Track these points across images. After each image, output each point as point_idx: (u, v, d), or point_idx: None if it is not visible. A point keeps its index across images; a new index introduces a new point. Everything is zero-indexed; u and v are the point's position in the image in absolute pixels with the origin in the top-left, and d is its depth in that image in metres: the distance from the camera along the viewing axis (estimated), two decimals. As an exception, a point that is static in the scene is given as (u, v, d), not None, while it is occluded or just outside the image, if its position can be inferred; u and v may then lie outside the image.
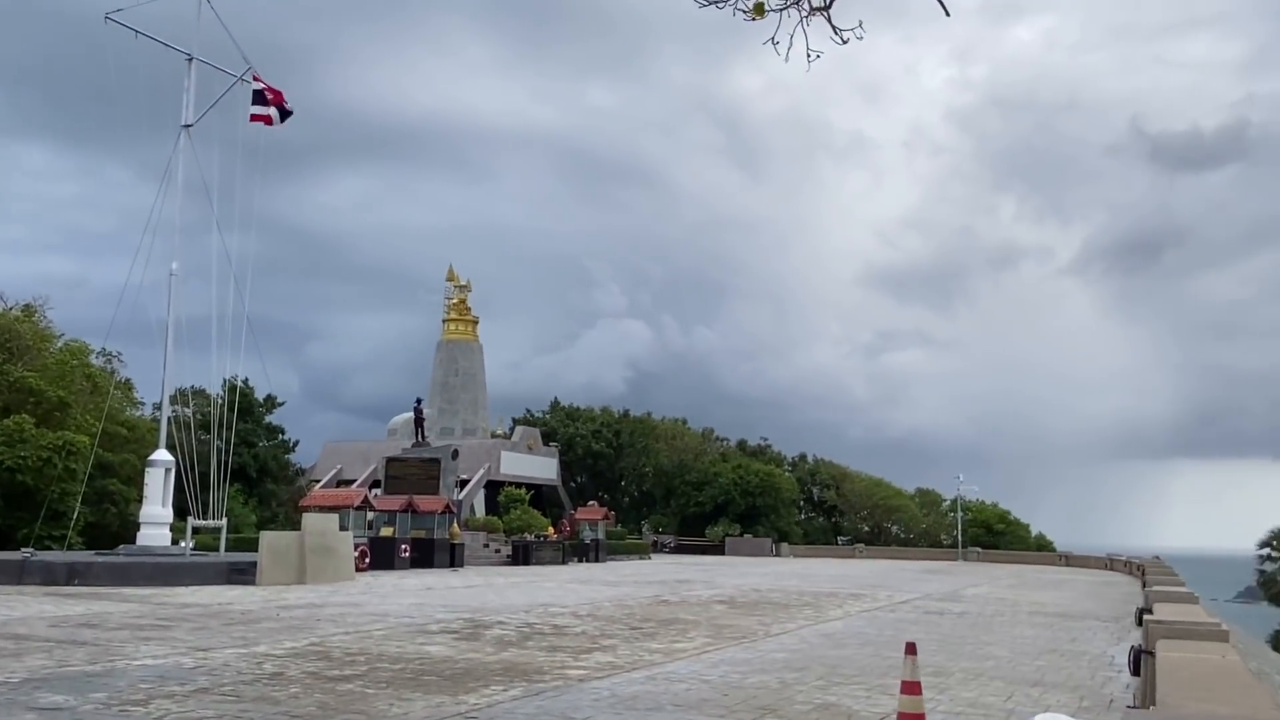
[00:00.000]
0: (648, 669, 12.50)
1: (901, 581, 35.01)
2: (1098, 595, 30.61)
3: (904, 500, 76.38)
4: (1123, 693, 11.67)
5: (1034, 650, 15.64)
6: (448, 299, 60.96)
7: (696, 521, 68.46)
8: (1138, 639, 18.11)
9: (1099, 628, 19.93)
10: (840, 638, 16.66)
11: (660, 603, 23.24)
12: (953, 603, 25.57)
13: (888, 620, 20.11)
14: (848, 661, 13.58)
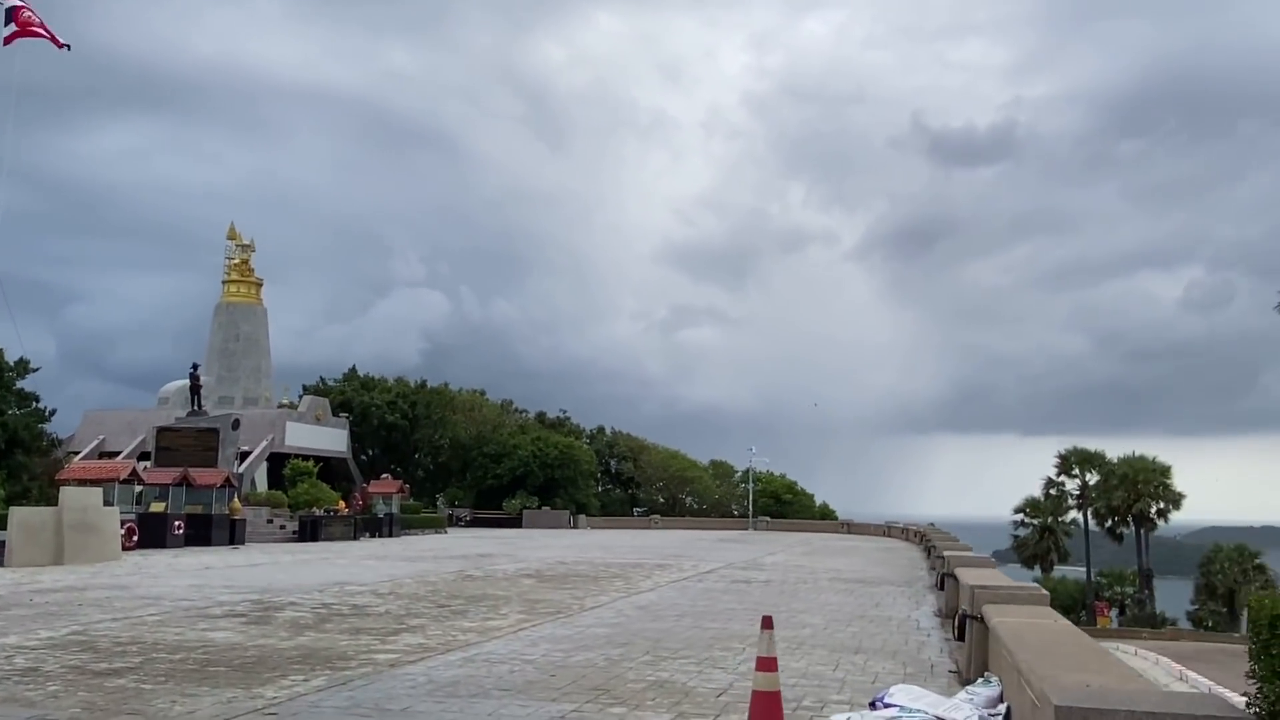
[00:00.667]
0: (463, 650, 11.64)
1: (701, 551, 35.46)
2: (885, 561, 32.00)
3: (699, 472, 78.12)
4: (940, 658, 11.83)
5: (844, 617, 15.84)
6: (229, 259, 56.86)
7: (494, 494, 67.39)
8: (935, 604, 18.86)
9: (896, 593, 20.61)
10: (656, 610, 16.32)
11: (465, 578, 22.28)
12: (756, 571, 25.95)
13: (698, 590, 20.02)
14: (670, 635, 13.20)
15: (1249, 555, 62.81)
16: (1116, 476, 70.83)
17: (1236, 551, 63.18)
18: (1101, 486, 72.30)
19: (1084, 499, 73.99)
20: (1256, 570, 61.31)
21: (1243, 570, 61.50)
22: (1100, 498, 71.80)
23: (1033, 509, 76.76)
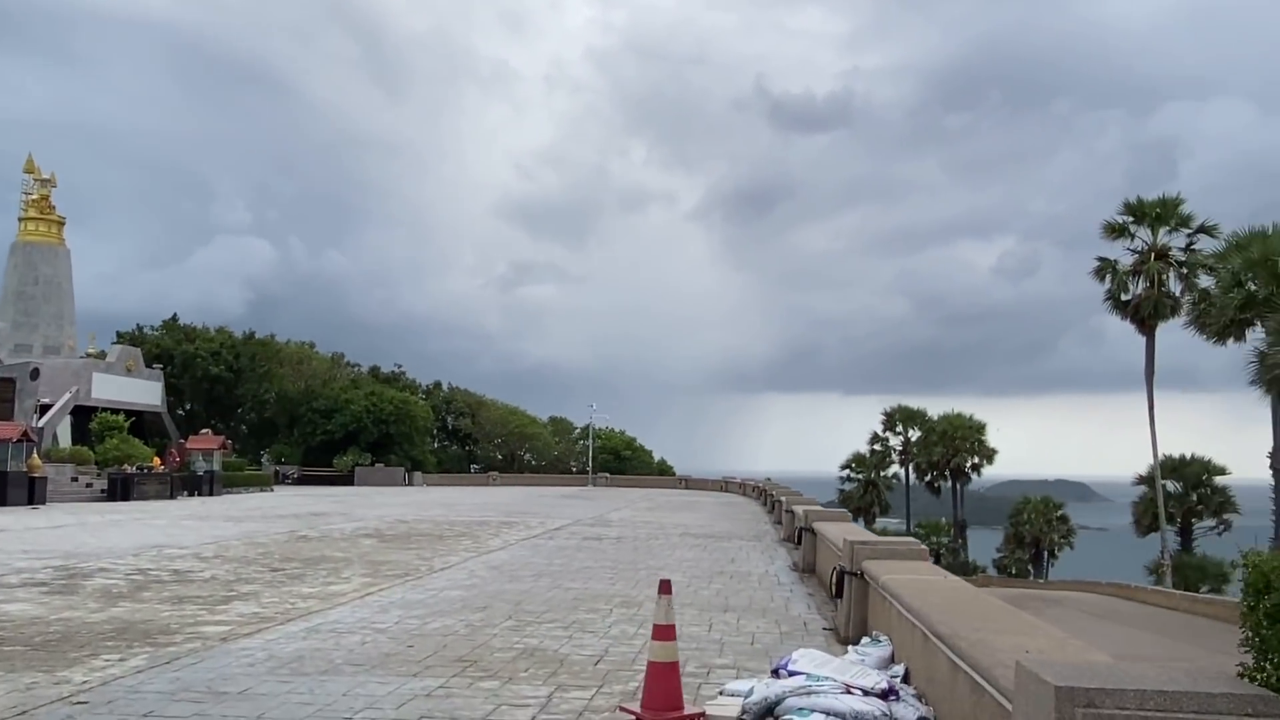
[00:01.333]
0: (305, 619, 10.58)
1: (545, 507, 34.83)
2: (729, 516, 32.24)
3: (538, 428, 77.32)
4: (810, 614, 11.58)
5: (704, 573, 15.51)
6: (26, 194, 51.67)
7: (324, 451, 64.61)
8: (789, 558, 18.88)
9: (747, 547, 20.55)
10: (511, 570, 15.54)
11: (299, 539, 20.85)
12: (605, 527, 25.50)
13: (551, 548, 19.34)
14: (530, 596, 12.48)
15: (1053, 507, 67.00)
16: (937, 433, 74.31)
17: (1042, 503, 67.27)
18: (922, 442, 75.85)
19: (906, 454, 77.53)
20: (1059, 520, 65.60)
21: (1047, 520, 65.63)
22: (921, 453, 75.27)
23: (859, 464, 79.97)
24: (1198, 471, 46.14)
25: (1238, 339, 37.92)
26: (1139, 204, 43.85)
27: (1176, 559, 43.55)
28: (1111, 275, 44.27)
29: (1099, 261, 44.80)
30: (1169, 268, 42.83)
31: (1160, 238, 43.62)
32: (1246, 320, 36.07)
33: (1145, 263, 43.26)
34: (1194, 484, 46.00)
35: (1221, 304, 36.31)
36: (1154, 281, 43.00)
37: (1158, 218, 43.05)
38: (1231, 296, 35.57)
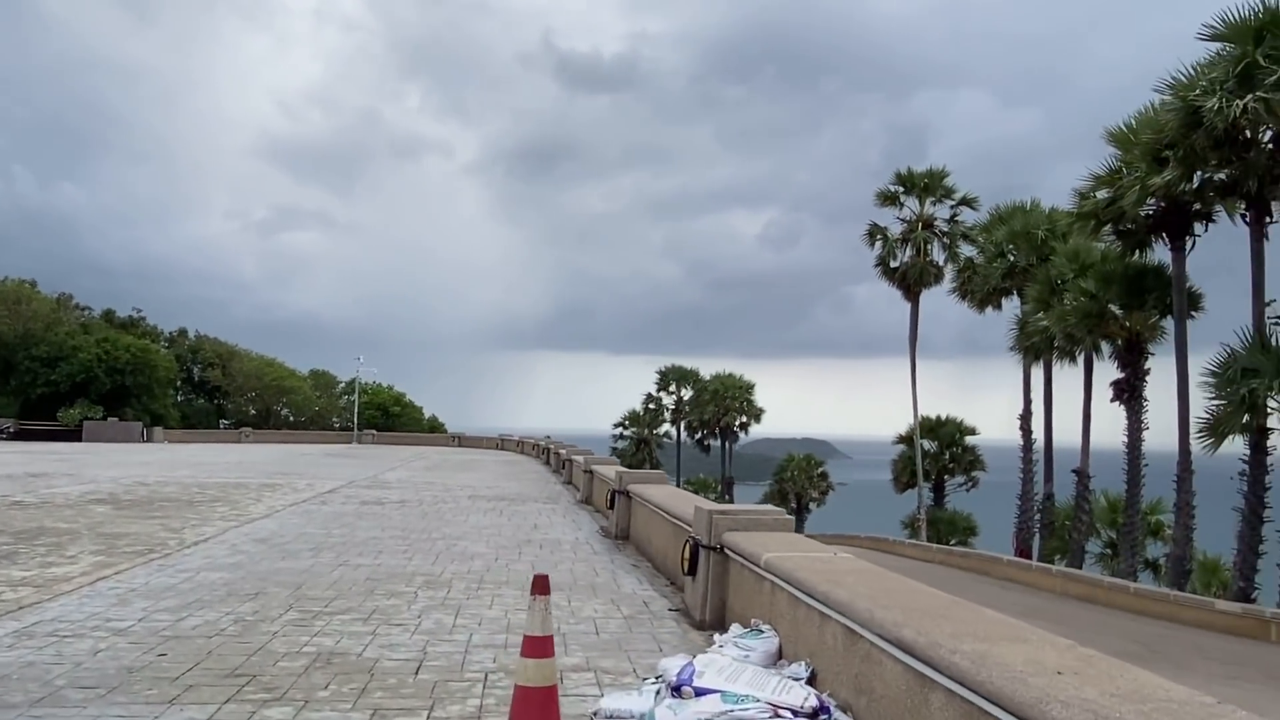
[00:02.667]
0: (14, 617, 8.14)
1: (311, 467, 31.91)
2: (514, 475, 30.66)
3: (297, 382, 72.36)
4: (645, 591, 10.26)
5: (510, 543, 13.91)
6: None
7: (47, 403, 57.47)
8: (594, 523, 17.59)
9: (546, 510, 19.09)
10: (283, 543, 13.30)
11: (12, 505, 17.44)
12: (383, 490, 23.27)
13: (327, 515, 17.07)
14: (313, 578, 10.44)
15: (814, 464, 70.00)
16: (709, 392, 75.97)
17: (805, 461, 70.15)
18: (695, 401, 77.30)
19: (679, 413, 78.79)
20: (820, 477, 68.57)
21: (809, 477, 68.51)
22: (694, 412, 76.65)
23: (633, 421, 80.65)
24: (951, 432, 49.03)
25: (996, 307, 40.08)
26: (909, 174, 45.54)
27: (930, 513, 46.12)
28: (883, 242, 45.84)
29: (870, 227, 46.30)
30: (934, 237, 44.77)
31: (927, 208, 45.53)
32: (1006, 289, 38.05)
33: (913, 231, 45.02)
34: (948, 443, 48.87)
35: (986, 272, 38.15)
36: (920, 249, 44.85)
37: (925, 188, 44.84)
38: (996, 265, 37.38)
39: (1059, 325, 31.13)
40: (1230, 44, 22.79)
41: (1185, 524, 27.43)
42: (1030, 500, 38.81)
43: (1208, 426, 25.52)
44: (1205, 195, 26.11)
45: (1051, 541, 36.57)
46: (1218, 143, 24.05)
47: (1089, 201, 29.14)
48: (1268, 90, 21.28)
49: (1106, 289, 29.74)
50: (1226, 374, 24.73)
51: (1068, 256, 32.78)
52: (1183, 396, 27.73)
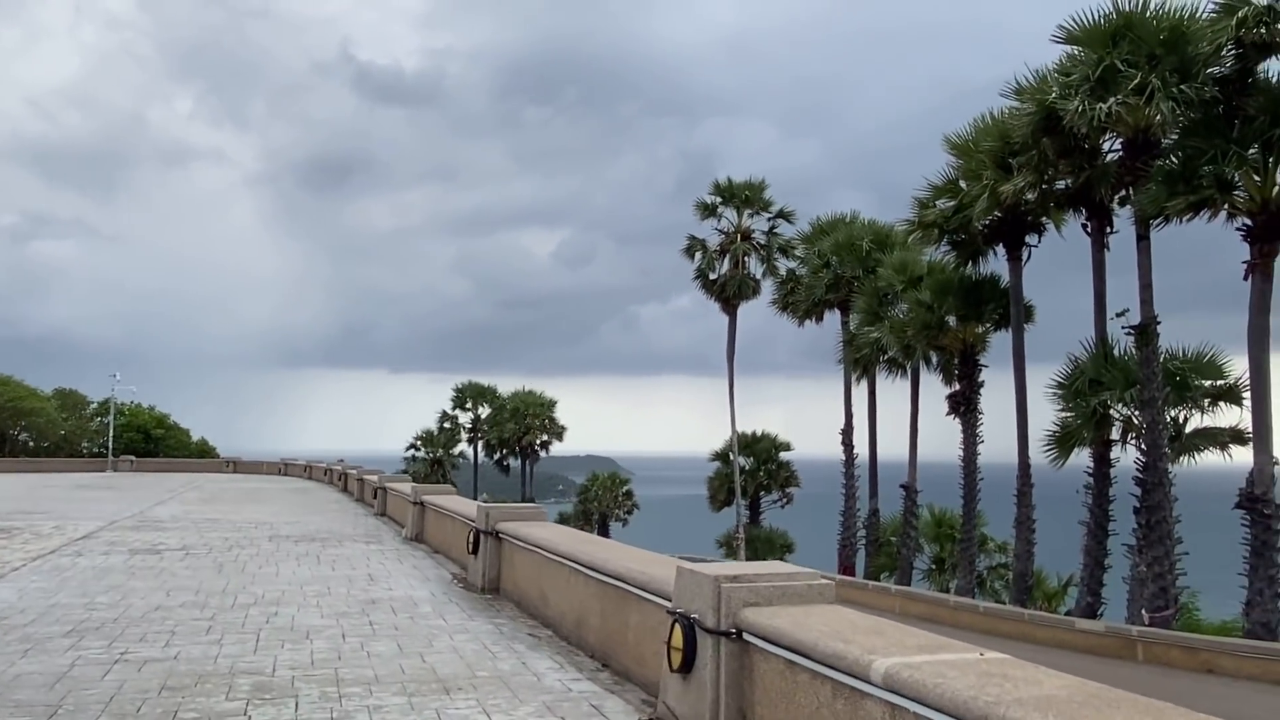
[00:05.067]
0: None
1: (59, 504, 26.49)
2: (313, 507, 26.54)
3: (39, 402, 63.30)
4: (588, 686, 7.35)
5: (350, 608, 10.56)
6: None
7: None
8: (438, 568, 14.36)
9: (374, 554, 15.64)
10: (24, 625, 9.37)
11: None
12: (157, 531, 18.88)
13: (86, 573, 12.92)
14: (76, 694, 6.85)
15: (620, 482, 68.15)
16: (508, 410, 72.75)
17: (610, 479, 68.15)
18: (493, 420, 73.84)
19: (476, 431, 75.04)
20: (625, 496, 66.76)
21: (614, 496, 66.56)
22: (492, 430, 73.16)
23: (427, 441, 76.23)
24: (767, 448, 48.26)
25: (818, 320, 39.38)
26: (728, 185, 44.43)
27: (747, 531, 45.00)
28: (702, 254, 44.49)
29: (689, 240, 44.87)
30: (753, 249, 43.82)
31: (745, 220, 44.56)
32: (830, 302, 37.33)
33: (732, 243, 43.91)
34: (764, 459, 48.05)
35: (811, 284, 37.30)
36: (739, 262, 43.79)
37: (746, 200, 43.83)
38: (820, 277, 36.56)
39: (895, 337, 30.41)
40: (1084, 47, 22.42)
41: (1026, 539, 27.04)
42: (853, 516, 38.21)
43: (1056, 439, 25.11)
44: (1046, 205, 25.87)
45: (878, 558, 35.98)
46: (1066, 149, 23.69)
47: (930, 211, 28.52)
48: (1128, 95, 20.90)
49: (943, 300, 29.22)
50: (1074, 386, 24.38)
51: (895, 268, 32.26)
52: (1021, 409, 27.41)
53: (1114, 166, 23.27)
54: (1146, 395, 22.13)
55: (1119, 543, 24.32)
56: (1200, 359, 23.34)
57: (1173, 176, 20.99)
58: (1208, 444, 23.24)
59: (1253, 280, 20.56)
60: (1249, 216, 20.64)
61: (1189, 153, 20.97)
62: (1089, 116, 21.08)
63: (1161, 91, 20.37)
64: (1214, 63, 20.78)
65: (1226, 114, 20.51)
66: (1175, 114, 20.72)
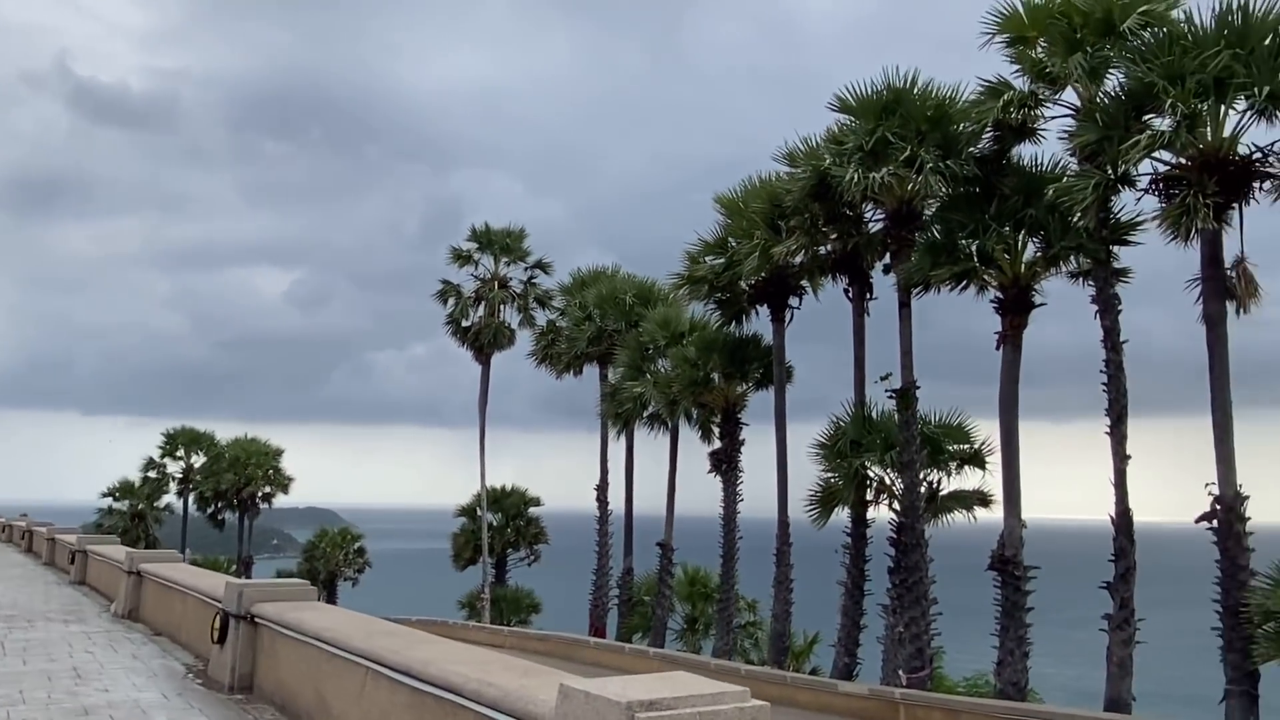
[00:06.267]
0: None
1: None
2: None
3: None
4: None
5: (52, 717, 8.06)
6: None
7: None
8: (168, 658, 11.70)
9: (77, 637, 12.68)
10: None
11: None
12: None
13: None
14: None
15: (351, 538, 63.87)
16: (227, 459, 66.58)
17: (340, 535, 63.72)
18: (209, 469, 67.30)
19: (189, 482, 68.05)
20: (357, 553, 62.57)
21: (344, 554, 62.21)
22: (208, 481, 66.62)
23: (125, 492, 68.22)
24: (516, 503, 46.56)
25: (578, 373, 38.59)
26: (486, 231, 43.06)
27: (493, 591, 43.02)
28: (455, 300, 42.69)
29: (443, 284, 42.99)
30: (511, 298, 42.55)
31: (502, 268, 43.26)
32: (590, 355, 36.67)
33: (489, 290, 42.46)
34: (512, 515, 46.28)
35: (574, 335, 36.50)
36: (494, 310, 42.38)
37: (505, 248, 42.59)
38: (583, 329, 35.85)
39: (660, 392, 30.02)
40: (857, 118, 23.09)
41: (784, 598, 27.11)
42: (606, 575, 37.30)
43: (818, 499, 25.36)
44: (813, 269, 26.42)
45: (631, 619, 35.18)
46: (834, 215, 24.26)
47: (700, 267, 28.47)
48: (898, 166, 21.59)
49: (708, 357, 29.17)
50: (836, 447, 24.75)
51: (659, 323, 32.06)
52: (782, 468, 27.64)
53: (880, 235, 24.05)
54: (905, 458, 22.72)
55: (874, 603, 24.73)
56: (950, 424, 24.36)
57: (936, 247, 21.83)
58: (958, 506, 24.20)
59: (1004, 350, 21.63)
60: (1000, 290, 21.74)
61: (950, 225, 21.92)
62: (863, 184, 21.58)
63: (930, 165, 21.18)
64: (974, 142, 21.92)
65: (984, 191, 21.59)
66: (940, 188, 21.64)
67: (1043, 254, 21.22)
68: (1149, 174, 18.95)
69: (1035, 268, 21.54)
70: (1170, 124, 17.45)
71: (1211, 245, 18.33)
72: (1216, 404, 18.09)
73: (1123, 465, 19.78)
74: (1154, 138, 17.64)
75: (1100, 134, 18.70)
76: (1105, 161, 18.78)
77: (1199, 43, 17.89)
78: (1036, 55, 20.93)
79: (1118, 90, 19.22)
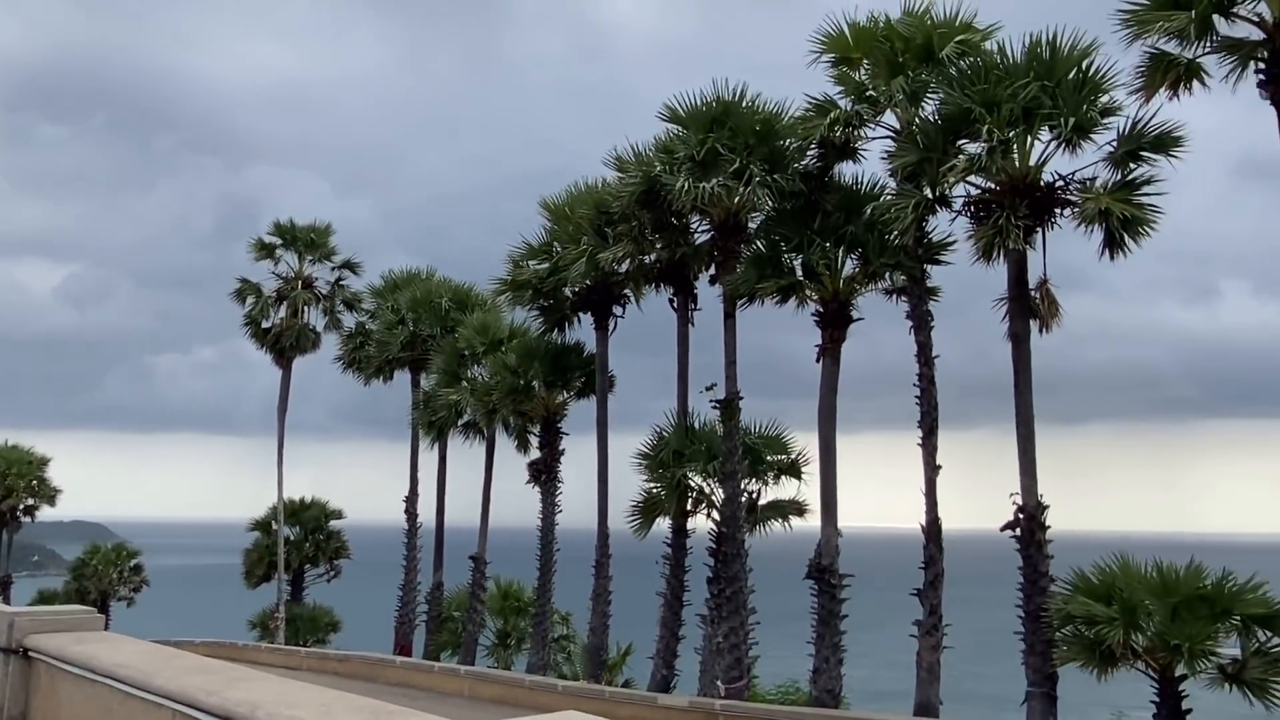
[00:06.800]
0: None
1: None
2: None
3: None
4: None
5: None
6: None
7: None
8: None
9: None
10: None
11: None
12: None
13: None
14: None
15: (126, 555, 58.94)
16: (-16, 468, 60.12)
17: (114, 552, 58.69)
18: (-40, 480, 60.54)
19: (-66, 494, 61.00)
20: (133, 571, 57.80)
21: (120, 571, 57.35)
22: (-42, 493, 59.89)
23: None
24: (316, 515, 44.13)
25: (388, 379, 37.10)
26: (290, 227, 40.74)
27: (289, 609, 40.55)
28: (255, 299, 40.11)
29: (242, 283, 40.31)
30: (315, 299, 40.39)
31: (307, 267, 41.04)
32: (403, 360, 35.34)
33: (292, 290, 40.15)
34: (312, 528, 43.83)
35: (386, 339, 35.03)
36: (298, 311, 40.11)
37: (310, 244, 40.41)
38: (396, 333, 34.48)
39: (479, 401, 29.08)
40: (686, 128, 23.07)
41: (602, 611, 26.76)
42: (413, 590, 35.85)
43: (640, 509, 25.16)
44: (639, 277, 26.27)
45: (440, 635, 33.91)
46: (662, 224, 24.19)
47: (524, 271, 27.79)
48: (728, 177, 21.69)
49: (529, 365, 28.49)
50: (659, 457, 24.63)
51: (477, 329, 31.14)
52: (603, 478, 27.33)
53: (707, 246, 24.13)
54: (728, 468, 22.82)
55: (693, 613, 24.70)
56: (770, 435, 24.69)
57: (762, 260, 22.07)
58: (776, 515, 24.53)
59: (824, 363, 22.07)
60: (821, 304, 22.18)
61: (775, 239, 22.21)
62: (693, 194, 21.55)
63: (759, 178, 21.38)
64: (800, 158, 22.33)
65: (808, 207, 22.00)
66: (767, 201, 21.90)
67: (861, 270, 21.77)
68: (962, 196, 19.77)
69: (854, 283, 22.08)
70: (985, 149, 18.20)
71: (1018, 266, 19.28)
72: (1021, 418, 19.01)
73: (933, 475, 20.54)
74: (972, 161, 18.42)
75: (921, 155, 19.36)
76: (925, 182, 19.47)
77: (1010, 73, 18.78)
78: (859, 78, 21.53)
79: (935, 115, 19.97)
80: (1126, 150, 18.46)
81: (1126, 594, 16.33)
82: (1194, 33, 16.55)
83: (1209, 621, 15.89)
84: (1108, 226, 17.90)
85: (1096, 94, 18.50)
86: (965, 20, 20.57)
